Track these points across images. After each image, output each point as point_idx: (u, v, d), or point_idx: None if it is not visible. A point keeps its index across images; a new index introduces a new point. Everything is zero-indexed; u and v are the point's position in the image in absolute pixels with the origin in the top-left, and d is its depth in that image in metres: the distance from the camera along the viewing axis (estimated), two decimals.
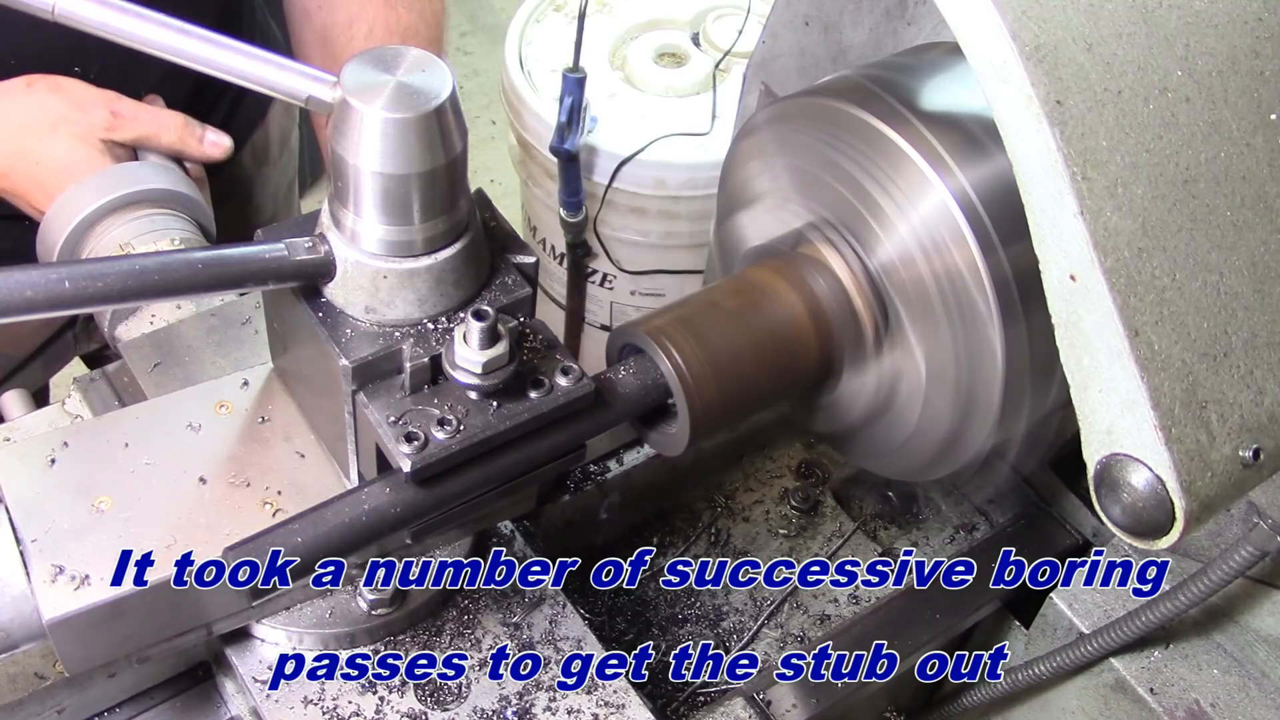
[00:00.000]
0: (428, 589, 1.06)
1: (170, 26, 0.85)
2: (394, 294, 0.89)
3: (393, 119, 0.81)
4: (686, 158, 2.21)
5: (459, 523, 1.01)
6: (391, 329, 0.90)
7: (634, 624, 1.30)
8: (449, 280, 0.90)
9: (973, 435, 1.05)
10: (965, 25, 0.85)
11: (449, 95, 0.82)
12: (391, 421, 0.87)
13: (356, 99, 0.81)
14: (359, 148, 0.82)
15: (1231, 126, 0.90)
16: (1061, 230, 0.84)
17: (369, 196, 0.85)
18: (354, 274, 0.88)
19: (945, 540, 1.43)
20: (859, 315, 1.06)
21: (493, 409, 0.88)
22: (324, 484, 1.01)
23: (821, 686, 1.23)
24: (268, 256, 0.87)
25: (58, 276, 0.78)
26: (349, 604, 1.04)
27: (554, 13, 2.50)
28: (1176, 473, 0.83)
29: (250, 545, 0.83)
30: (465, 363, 0.87)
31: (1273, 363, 0.89)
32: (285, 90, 0.86)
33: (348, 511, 0.86)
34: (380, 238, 0.87)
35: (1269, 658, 1.24)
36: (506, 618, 1.07)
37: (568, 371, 0.91)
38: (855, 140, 1.02)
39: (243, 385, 1.07)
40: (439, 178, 0.84)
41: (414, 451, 0.85)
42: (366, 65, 0.83)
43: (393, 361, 0.89)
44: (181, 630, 0.99)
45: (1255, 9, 0.93)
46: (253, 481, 1.00)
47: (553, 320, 2.71)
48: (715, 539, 1.38)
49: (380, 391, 0.89)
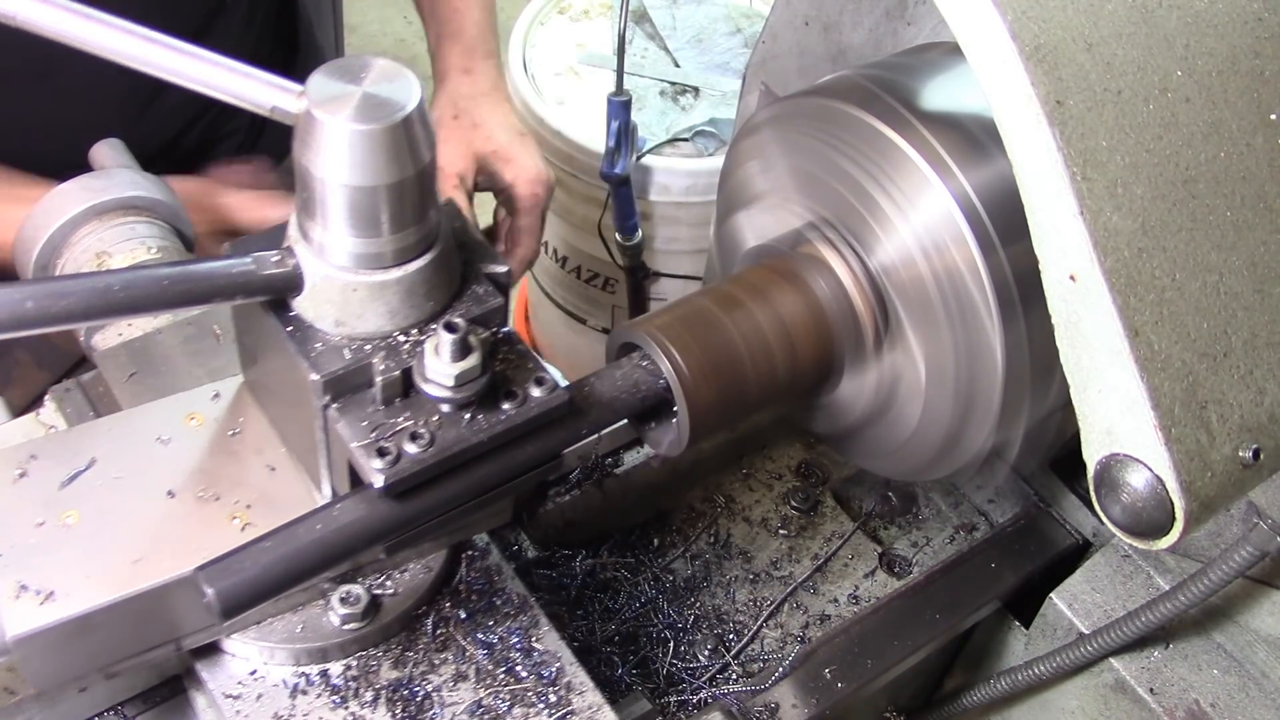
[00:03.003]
0: (401, 602, 1.04)
1: (135, 34, 0.83)
2: (364, 307, 0.87)
3: (359, 131, 0.79)
4: (688, 164, 2.21)
5: (434, 535, 1.00)
6: (362, 342, 0.88)
7: (633, 624, 1.30)
8: (420, 292, 0.88)
9: (973, 435, 1.05)
10: (965, 25, 0.85)
11: (416, 105, 0.81)
12: (363, 436, 0.86)
13: (322, 110, 0.79)
14: (325, 160, 0.81)
15: (1231, 126, 0.90)
16: (1061, 230, 0.84)
17: (336, 209, 0.83)
18: (323, 287, 0.87)
19: (945, 540, 1.43)
20: (859, 315, 1.06)
21: (466, 421, 0.87)
22: (295, 498, 0.99)
23: (821, 686, 1.23)
24: (234, 271, 0.85)
25: (20, 295, 0.76)
26: (321, 618, 1.02)
27: (557, 15, 2.50)
28: (1176, 473, 0.83)
29: (222, 565, 0.82)
30: (437, 375, 0.86)
31: (1273, 363, 0.89)
32: (249, 100, 0.84)
33: (321, 528, 0.84)
34: (349, 250, 0.85)
35: (1269, 658, 1.24)
36: (482, 631, 1.05)
37: (541, 382, 0.90)
38: (855, 140, 1.02)
39: (214, 397, 1.05)
40: (408, 189, 0.83)
41: (386, 466, 0.84)
42: (331, 76, 0.81)
43: (364, 375, 0.88)
44: (150, 646, 0.97)
45: (1255, 9, 0.93)
46: (222, 495, 0.99)
47: (553, 320, 2.71)
48: (715, 539, 1.38)
49: (352, 405, 0.88)
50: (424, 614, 1.05)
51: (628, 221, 2.20)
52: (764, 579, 1.35)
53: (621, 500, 1.37)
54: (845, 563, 1.38)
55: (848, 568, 1.37)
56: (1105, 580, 1.31)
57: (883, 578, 1.37)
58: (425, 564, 1.06)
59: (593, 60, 2.39)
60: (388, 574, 1.04)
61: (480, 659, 1.03)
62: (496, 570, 1.09)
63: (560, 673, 1.03)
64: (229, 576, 0.81)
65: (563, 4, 2.51)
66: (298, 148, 0.82)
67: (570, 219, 2.39)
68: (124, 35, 0.83)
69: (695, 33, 2.40)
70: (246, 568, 0.82)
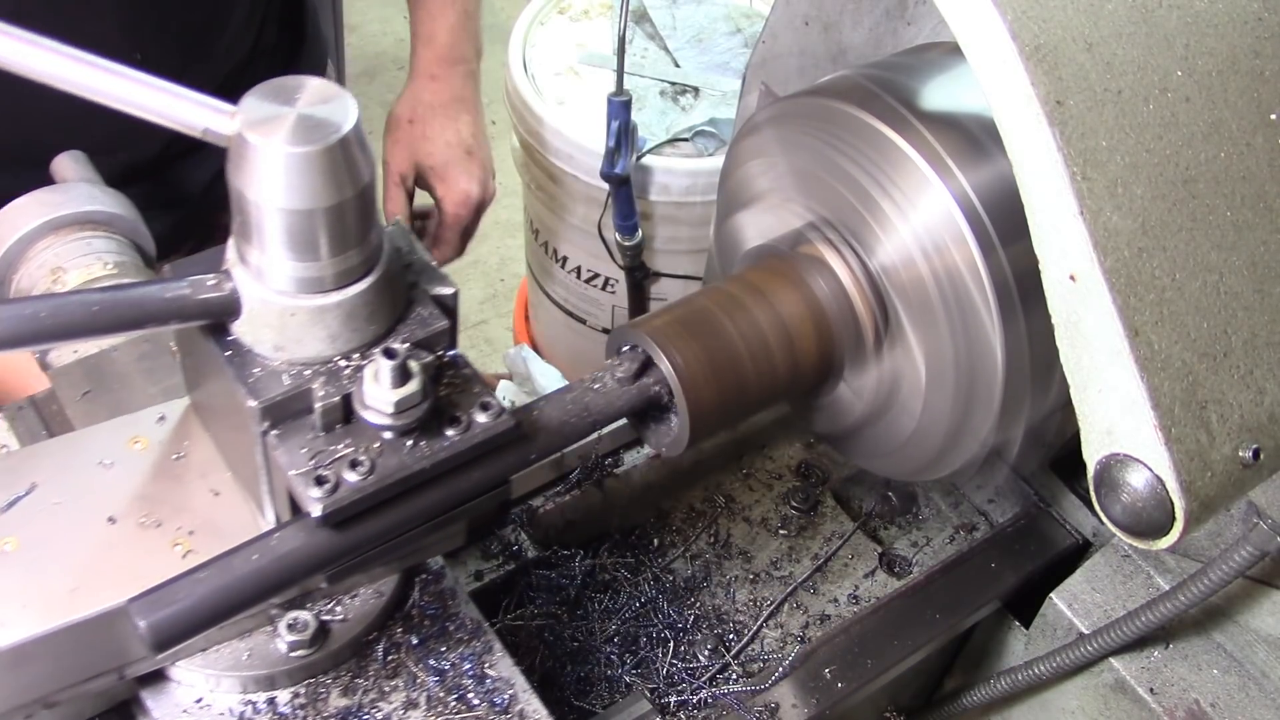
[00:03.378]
0: (351, 628, 1.01)
1: (62, 54, 0.80)
2: (303, 331, 0.85)
3: (295, 153, 0.77)
4: (688, 164, 2.22)
5: (383, 561, 0.98)
6: (302, 367, 0.86)
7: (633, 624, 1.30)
8: (361, 316, 0.86)
9: (973, 436, 1.05)
10: (965, 25, 0.85)
11: (353, 126, 0.79)
12: (302, 464, 0.84)
13: (255, 133, 0.77)
14: (259, 184, 0.79)
15: (1231, 126, 0.90)
16: (1061, 230, 0.84)
17: (273, 233, 0.81)
18: (261, 312, 0.85)
19: (945, 540, 1.43)
20: (859, 315, 1.06)
21: (407, 448, 0.85)
22: (239, 523, 0.97)
23: (821, 686, 1.23)
24: (168, 296, 0.83)
25: None
26: (268, 644, 0.99)
27: (557, 15, 2.50)
28: (1176, 473, 0.83)
29: (154, 596, 0.80)
30: (376, 402, 0.84)
31: (1273, 363, 0.89)
32: (180, 121, 0.81)
33: (258, 559, 0.82)
34: (287, 274, 0.83)
35: (1269, 658, 1.24)
36: (434, 657, 1.03)
37: (487, 407, 0.88)
38: (855, 140, 1.02)
39: (159, 420, 1.03)
40: (346, 211, 0.81)
41: (324, 495, 0.82)
42: (265, 97, 0.79)
43: (303, 401, 0.86)
44: (91, 675, 0.95)
45: (1255, 9, 0.93)
46: (164, 521, 0.97)
47: (552, 321, 2.71)
48: (715, 539, 1.38)
49: (291, 432, 0.86)
50: (374, 640, 1.03)
51: (628, 221, 2.20)
52: (764, 579, 1.35)
53: (621, 500, 1.37)
54: (845, 563, 1.38)
55: (848, 568, 1.37)
56: (1105, 580, 1.31)
57: (883, 578, 1.37)
58: (376, 589, 1.03)
59: (593, 60, 2.39)
60: (338, 599, 1.02)
61: (431, 686, 1.01)
62: (450, 594, 1.06)
63: (513, 700, 1.01)
64: (161, 609, 0.79)
65: (563, 4, 2.51)
66: (231, 171, 0.80)
67: (570, 219, 2.39)
68: (48, 55, 0.80)
69: (695, 33, 2.40)
70: (180, 599, 0.79)
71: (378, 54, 4.26)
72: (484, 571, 1.26)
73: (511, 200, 3.42)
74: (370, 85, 4.11)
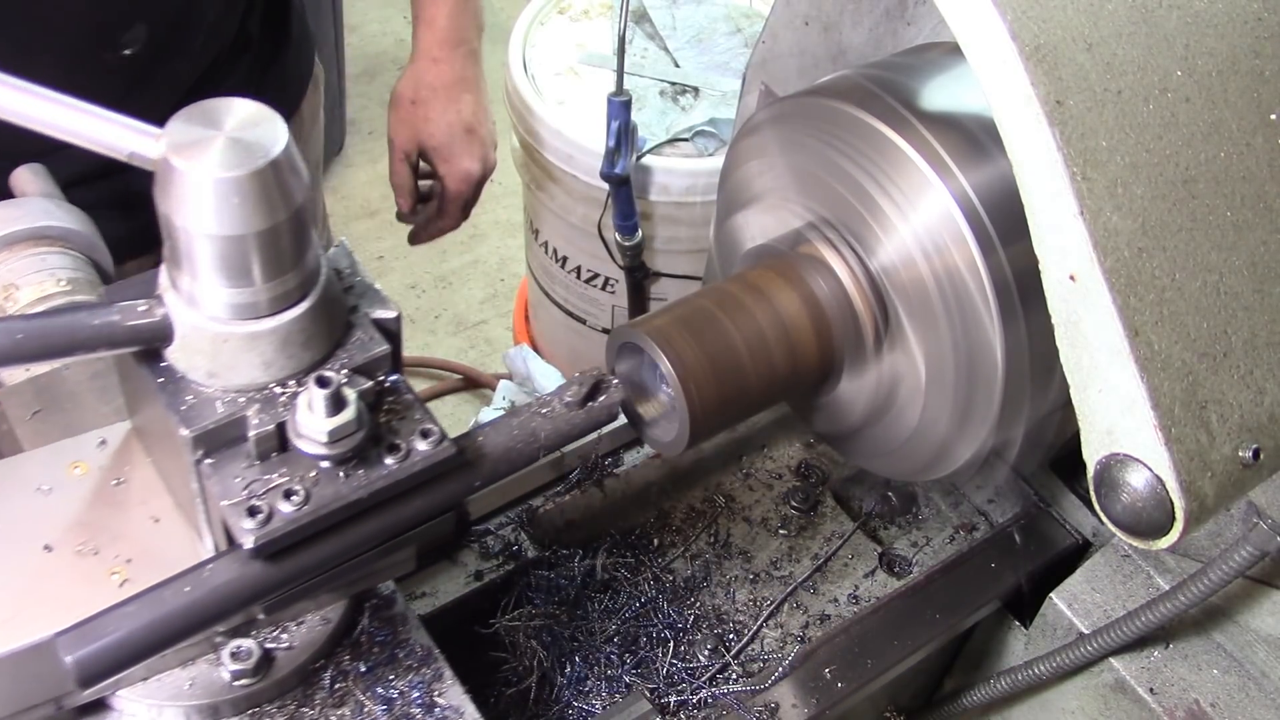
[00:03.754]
0: (297, 656, 0.99)
1: None
2: (237, 358, 0.83)
3: (223, 179, 0.75)
4: (688, 164, 2.22)
5: (329, 588, 0.96)
6: (236, 394, 0.84)
7: (633, 624, 1.30)
8: (296, 342, 0.84)
9: (973, 435, 1.05)
10: (965, 25, 0.85)
11: (283, 148, 0.77)
12: (235, 494, 0.82)
13: (182, 158, 0.75)
14: (188, 210, 0.77)
15: (1231, 126, 0.90)
16: (1061, 230, 0.84)
17: (203, 259, 0.79)
18: (193, 338, 0.83)
19: (945, 540, 1.43)
20: (859, 315, 1.06)
21: (344, 478, 0.83)
22: (179, 551, 0.94)
23: (821, 686, 1.23)
24: (97, 323, 0.81)
25: None
26: (211, 673, 0.97)
27: (557, 15, 2.50)
28: (1176, 473, 0.83)
29: (82, 630, 0.77)
30: (310, 431, 0.82)
31: (1273, 363, 0.89)
32: (105, 145, 0.79)
33: (190, 591, 0.80)
34: (219, 300, 0.81)
35: (1269, 658, 1.24)
36: (382, 685, 1.01)
37: (428, 434, 0.86)
38: (855, 140, 1.02)
39: (100, 444, 1.00)
40: (279, 235, 0.79)
41: (257, 526, 0.80)
42: (191, 121, 0.77)
43: (238, 429, 0.84)
44: (26, 705, 0.93)
45: (1255, 9, 0.93)
46: (102, 549, 0.94)
47: (553, 320, 2.71)
48: (715, 539, 1.38)
49: (226, 460, 0.84)
50: (321, 668, 1.01)
51: (628, 221, 2.20)
52: (764, 579, 1.35)
53: (621, 500, 1.37)
54: (845, 563, 1.38)
55: (848, 568, 1.37)
56: (1105, 580, 1.31)
57: (883, 578, 1.37)
58: (324, 615, 1.01)
59: (593, 60, 2.39)
60: (284, 626, 1.00)
61: (379, 715, 0.99)
62: (401, 620, 1.04)
63: None
64: (89, 643, 0.77)
65: (563, 4, 2.51)
66: (158, 196, 0.78)
67: (570, 219, 2.39)
68: None
69: (695, 33, 2.40)
70: (108, 634, 0.77)
71: (378, 54, 4.26)
72: (484, 571, 1.26)
73: (511, 200, 3.43)
74: (370, 85, 4.11)
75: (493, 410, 2.22)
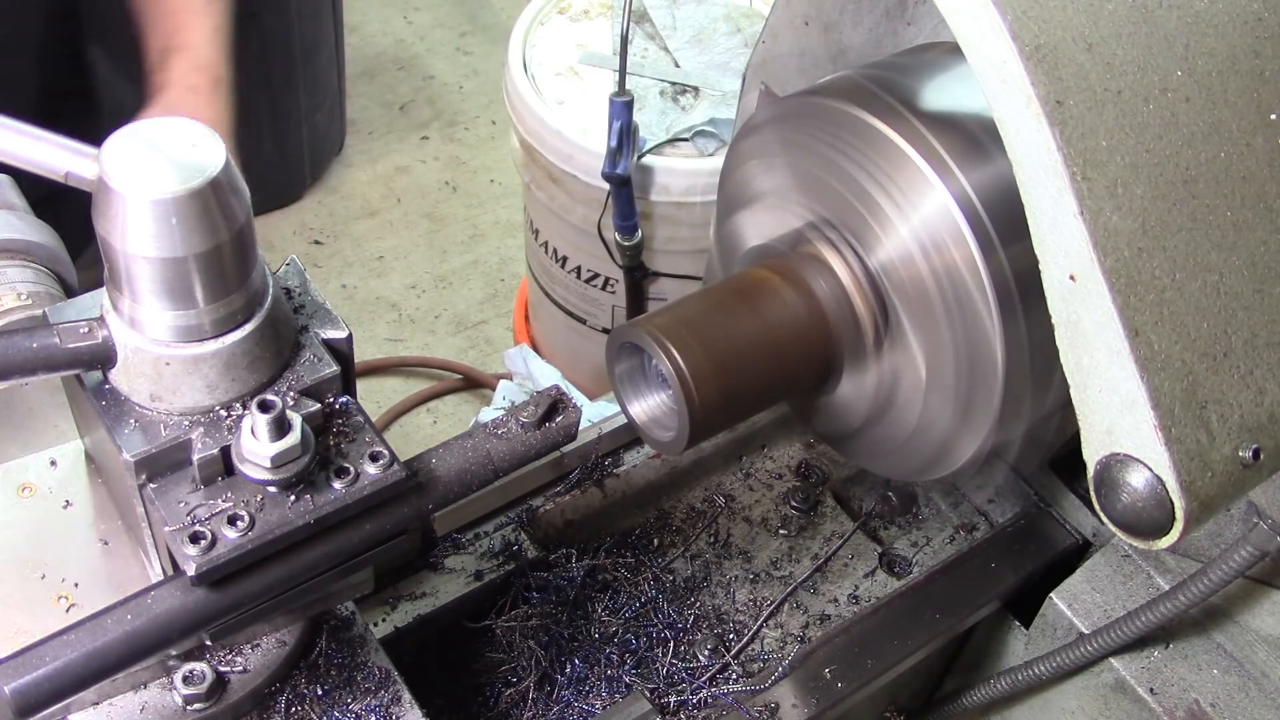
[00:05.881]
0: (252, 680, 0.97)
1: None
2: (179, 381, 0.81)
3: (161, 199, 0.73)
4: (688, 164, 2.22)
5: (283, 611, 0.94)
6: (181, 418, 0.82)
7: (633, 624, 1.30)
8: (241, 364, 0.82)
9: (973, 435, 1.05)
10: (965, 25, 0.85)
11: (222, 167, 0.75)
12: (179, 519, 0.80)
13: (118, 181, 0.73)
14: (125, 232, 0.75)
15: (1231, 126, 0.90)
16: (1061, 230, 0.84)
17: (142, 281, 0.77)
18: (135, 360, 0.81)
19: (945, 540, 1.43)
20: (859, 315, 1.06)
21: (290, 503, 0.81)
22: (127, 575, 0.93)
23: (821, 686, 1.23)
24: (35, 345, 0.79)
25: None
26: (164, 697, 0.94)
27: (557, 15, 2.50)
28: (1176, 473, 0.83)
29: (19, 660, 0.76)
30: (254, 456, 0.80)
31: (1273, 363, 0.89)
32: (41, 165, 0.78)
33: (131, 619, 0.78)
34: (160, 322, 0.80)
35: (1269, 658, 1.24)
36: (339, 709, 0.99)
37: (377, 458, 0.84)
38: (855, 140, 1.02)
39: (50, 465, 0.99)
40: (221, 255, 0.77)
41: (200, 553, 0.78)
42: (128, 140, 0.75)
43: (182, 453, 0.82)
44: None
45: (1255, 9, 0.93)
46: (49, 574, 0.93)
47: (553, 320, 2.71)
48: (715, 539, 1.38)
49: (170, 485, 0.82)
50: (277, 691, 0.98)
51: (628, 221, 2.20)
52: (764, 579, 1.35)
53: (621, 500, 1.37)
54: (845, 563, 1.38)
55: (848, 568, 1.37)
56: (1105, 580, 1.31)
57: (883, 578, 1.37)
58: (280, 638, 0.99)
59: (593, 60, 2.39)
60: (238, 649, 0.98)
61: None
62: (360, 642, 1.02)
63: None
64: (26, 673, 0.76)
65: (563, 4, 2.51)
66: (96, 217, 0.76)
67: (570, 219, 2.39)
68: None
69: (695, 33, 2.40)
70: (46, 663, 0.76)
71: (378, 54, 4.26)
72: (483, 571, 1.26)
73: (511, 200, 3.43)
74: (370, 85, 4.10)
75: (493, 410, 2.22)
